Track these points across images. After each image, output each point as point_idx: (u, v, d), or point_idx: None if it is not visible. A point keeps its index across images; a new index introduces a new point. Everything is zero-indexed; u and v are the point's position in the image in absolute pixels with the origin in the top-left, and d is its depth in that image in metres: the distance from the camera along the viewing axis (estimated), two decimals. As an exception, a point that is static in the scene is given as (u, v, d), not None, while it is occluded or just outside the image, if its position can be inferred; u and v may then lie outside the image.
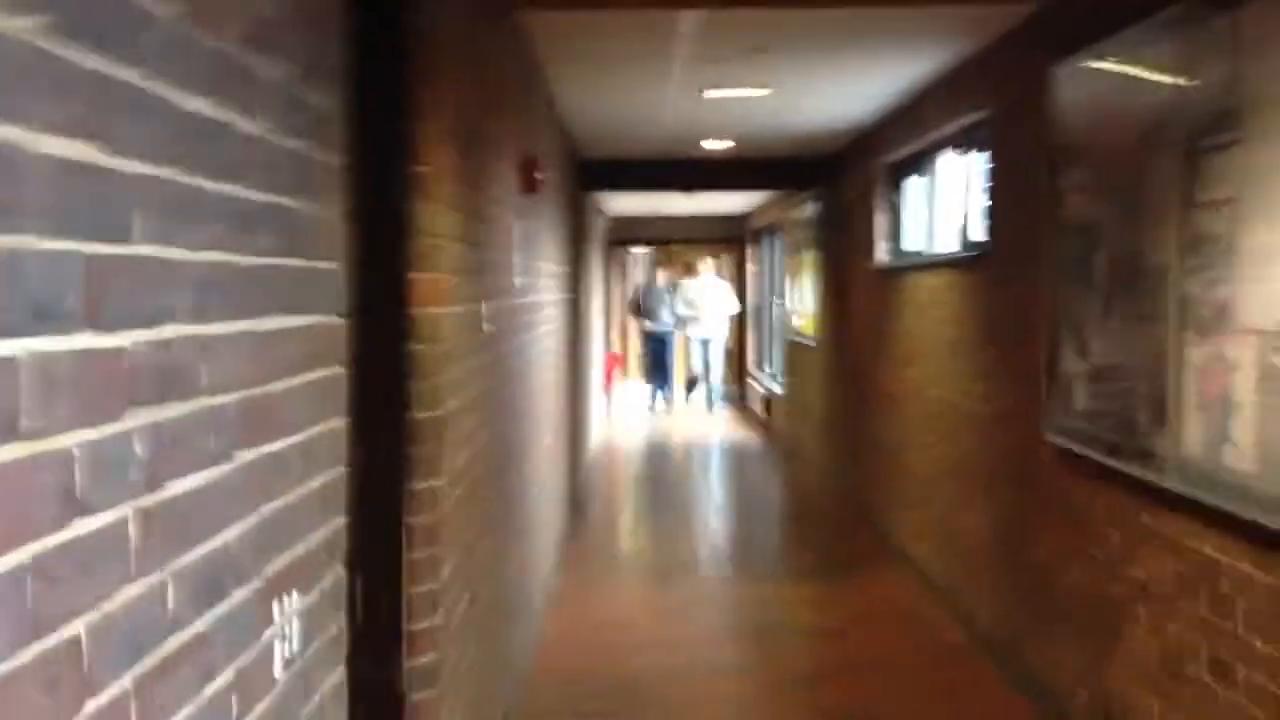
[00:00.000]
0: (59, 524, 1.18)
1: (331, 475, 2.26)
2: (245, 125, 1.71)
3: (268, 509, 1.86)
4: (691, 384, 17.76)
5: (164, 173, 1.43)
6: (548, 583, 6.82)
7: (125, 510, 1.34)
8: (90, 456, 1.25)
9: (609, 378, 18.18)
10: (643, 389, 17.93)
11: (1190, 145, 3.47)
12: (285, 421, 1.95)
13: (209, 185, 1.58)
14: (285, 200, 1.91)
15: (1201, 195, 3.38)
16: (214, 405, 1.62)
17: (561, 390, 8.38)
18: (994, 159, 5.81)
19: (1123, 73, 4.03)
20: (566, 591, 7.11)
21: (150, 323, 1.40)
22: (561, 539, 8.08)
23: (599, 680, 5.53)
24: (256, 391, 1.80)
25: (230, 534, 1.68)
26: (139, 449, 1.38)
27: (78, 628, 1.22)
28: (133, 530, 1.36)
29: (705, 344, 16.90)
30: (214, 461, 1.62)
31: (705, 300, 16.67)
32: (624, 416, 16.37)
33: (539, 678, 5.51)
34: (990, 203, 5.86)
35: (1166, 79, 3.67)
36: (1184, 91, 3.53)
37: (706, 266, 17.04)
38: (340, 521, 2.35)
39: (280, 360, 1.92)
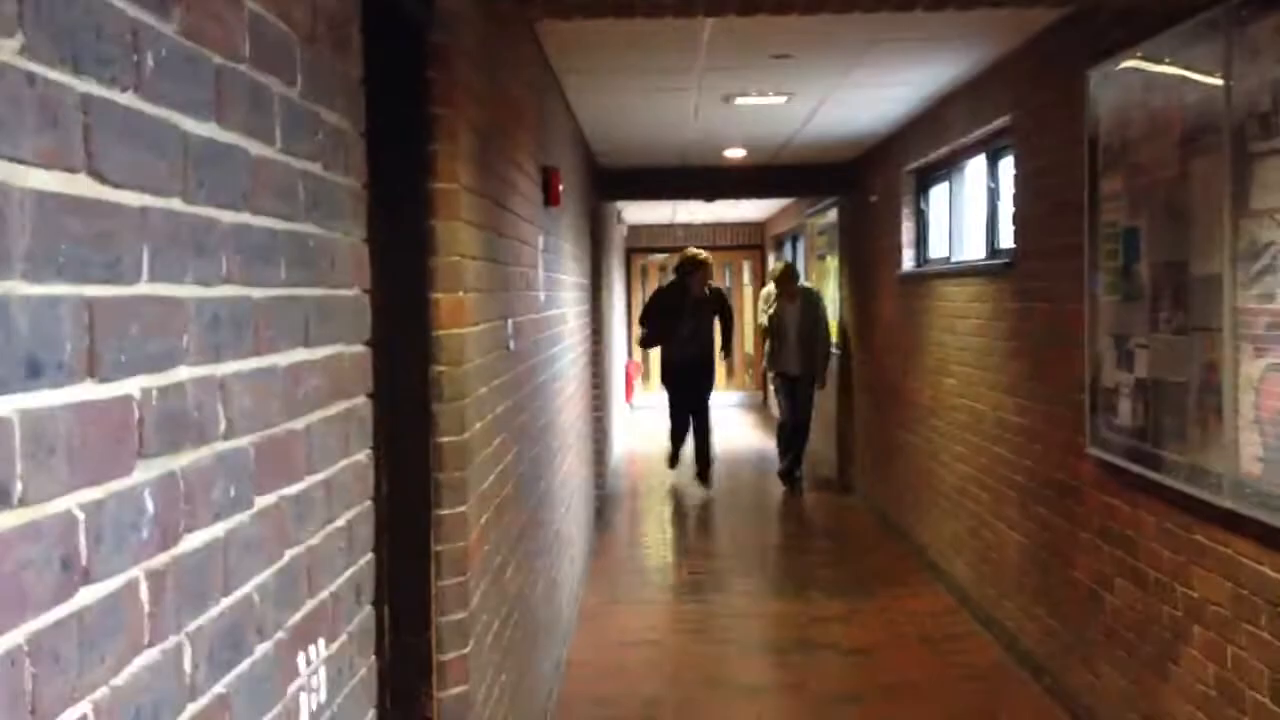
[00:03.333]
0: (60, 597, 1.07)
1: (358, 510, 2.15)
2: (257, 149, 1.60)
3: (291, 554, 1.75)
4: (790, 448, 11.12)
5: (169, 204, 1.32)
6: (575, 599, 6.70)
7: (135, 573, 1.22)
8: (95, 519, 1.14)
9: (630, 387, 18.08)
10: (663, 445, 11.92)
11: (1240, 150, 3.33)
12: (308, 459, 1.84)
13: (220, 215, 1.47)
14: (303, 227, 1.80)
15: (1255, 203, 3.25)
16: (231, 449, 1.51)
17: (585, 402, 8.26)
18: (1023, 165, 5.68)
19: (1164, 75, 3.90)
20: (594, 608, 6.99)
21: (159, 367, 1.29)
22: (588, 553, 7.97)
23: (629, 702, 5.41)
24: (277, 430, 1.69)
25: (252, 586, 1.57)
26: (149, 505, 1.27)
27: (84, 709, 1.11)
28: (144, 594, 1.24)
29: (792, 386, 11.01)
30: (233, 510, 1.51)
31: (790, 321, 10.94)
32: (646, 425, 16.24)
33: (569, 701, 5.39)
34: (1020, 209, 5.72)
35: (1212, 81, 3.54)
36: (1232, 94, 3.40)
37: (777, 271, 11.24)
38: (368, 558, 2.23)
39: (302, 395, 1.81)
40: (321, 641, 1.87)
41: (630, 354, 18.43)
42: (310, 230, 1.85)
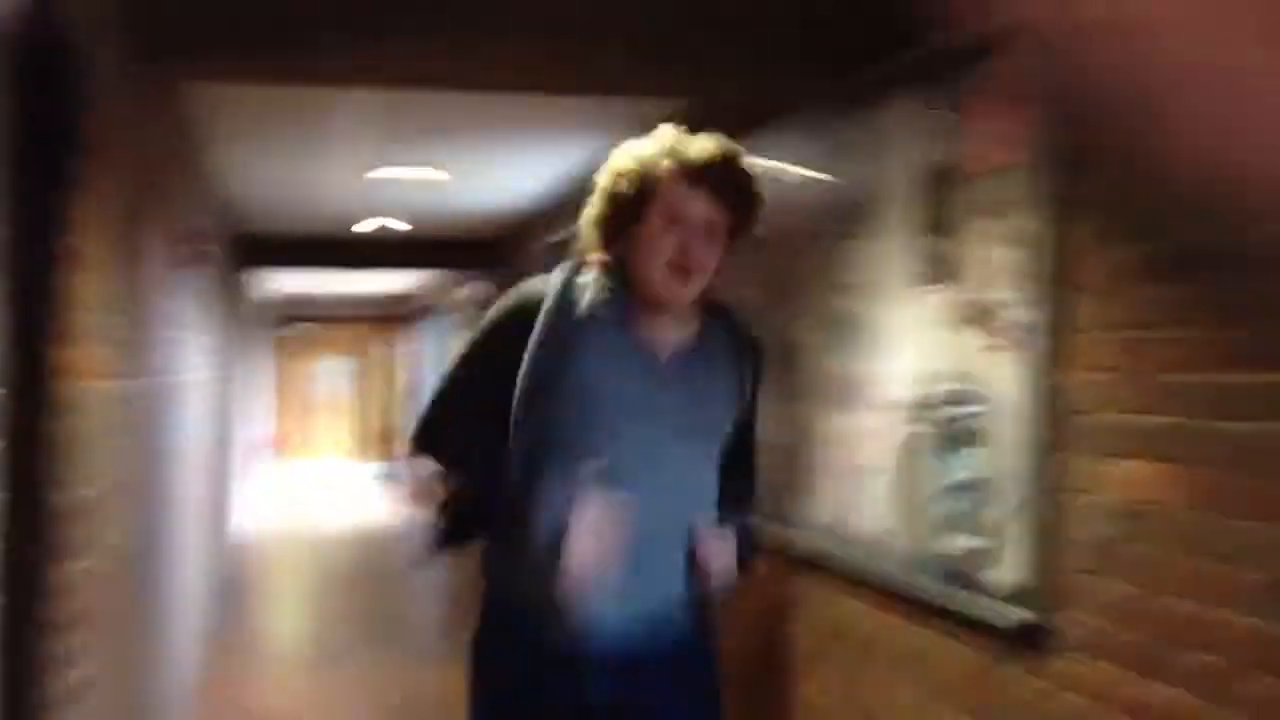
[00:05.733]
0: None
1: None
2: None
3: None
4: None
5: None
6: (195, 674, 6.48)
7: None
8: None
9: (266, 457, 17.60)
10: None
11: (831, 235, 3.85)
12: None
13: None
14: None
15: (839, 279, 3.79)
16: None
17: (218, 470, 8.05)
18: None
19: (779, 165, 4.31)
20: (216, 681, 6.77)
21: None
22: (212, 627, 7.72)
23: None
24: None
25: None
26: None
27: None
28: None
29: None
30: None
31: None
32: (282, 498, 15.86)
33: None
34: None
35: (816, 173, 4.00)
36: (828, 187, 3.89)
37: None
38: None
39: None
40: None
41: (269, 424, 17.96)
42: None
